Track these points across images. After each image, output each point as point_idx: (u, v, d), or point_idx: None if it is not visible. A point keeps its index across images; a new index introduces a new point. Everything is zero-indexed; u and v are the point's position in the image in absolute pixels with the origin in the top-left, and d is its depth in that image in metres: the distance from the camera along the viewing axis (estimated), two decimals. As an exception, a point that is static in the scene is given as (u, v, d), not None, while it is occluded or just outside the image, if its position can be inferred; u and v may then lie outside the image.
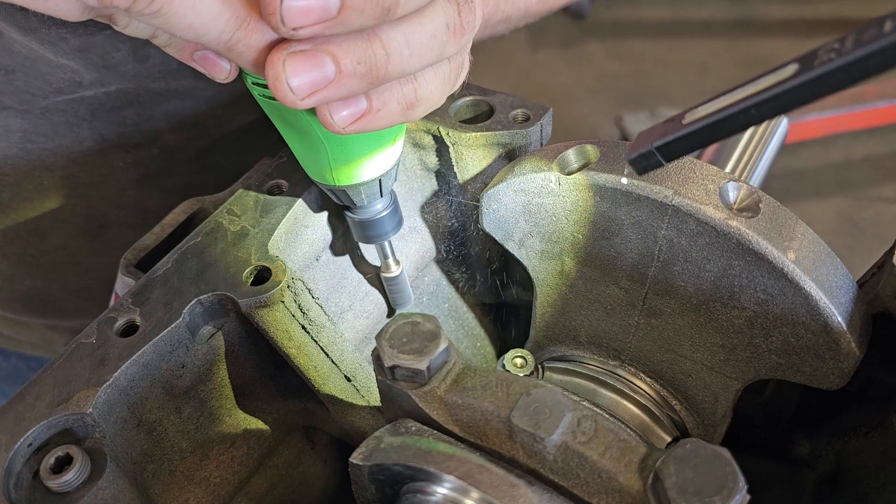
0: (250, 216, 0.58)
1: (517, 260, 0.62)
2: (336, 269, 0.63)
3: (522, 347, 0.65)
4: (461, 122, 0.63)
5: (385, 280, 0.64)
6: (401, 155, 0.56)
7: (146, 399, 0.52)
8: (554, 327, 0.64)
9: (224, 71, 0.48)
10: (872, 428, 0.59)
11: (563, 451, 0.42)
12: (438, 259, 0.71)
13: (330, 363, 0.56)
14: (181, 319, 0.52)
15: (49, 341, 1.00)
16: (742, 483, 0.37)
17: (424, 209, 0.67)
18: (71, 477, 0.45)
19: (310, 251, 0.60)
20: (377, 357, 0.45)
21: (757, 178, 0.81)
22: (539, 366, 0.63)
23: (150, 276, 0.55)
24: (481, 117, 0.65)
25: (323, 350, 0.56)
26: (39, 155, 0.76)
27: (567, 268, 0.59)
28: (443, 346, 0.45)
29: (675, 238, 0.52)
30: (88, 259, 0.86)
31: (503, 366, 0.62)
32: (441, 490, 0.43)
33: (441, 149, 0.64)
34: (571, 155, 0.56)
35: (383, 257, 0.62)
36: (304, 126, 0.50)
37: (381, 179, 0.55)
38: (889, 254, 0.52)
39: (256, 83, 0.49)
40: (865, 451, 0.59)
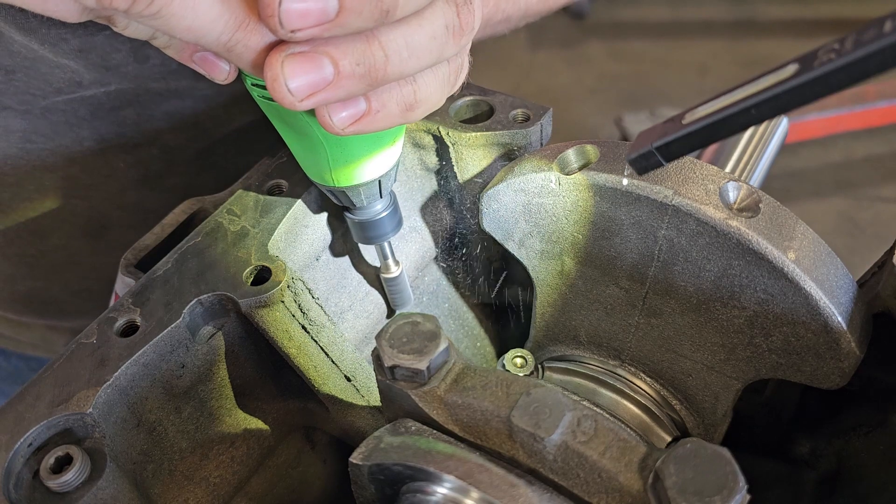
0: (250, 216, 0.58)
1: (517, 260, 0.62)
2: (336, 269, 0.63)
3: (522, 347, 0.65)
4: (461, 122, 0.63)
5: (385, 281, 0.64)
6: (400, 156, 0.56)
7: (146, 399, 0.52)
8: (554, 327, 0.64)
9: (223, 72, 0.48)
10: (873, 428, 0.59)
11: (563, 451, 0.42)
12: (438, 259, 0.71)
13: (330, 363, 0.56)
14: (181, 319, 0.52)
15: (49, 342, 1.00)
16: (742, 483, 0.37)
17: (424, 209, 0.67)
18: (71, 477, 0.45)
19: (310, 251, 0.60)
20: (377, 357, 0.45)
21: (757, 178, 0.81)
22: (539, 366, 0.63)
23: (151, 276, 0.55)
24: (481, 117, 0.65)
25: (323, 350, 0.56)
26: (39, 155, 0.76)
27: (567, 268, 0.59)
28: (443, 346, 0.45)
29: (675, 238, 0.52)
30: (89, 259, 0.86)
31: (503, 366, 0.62)
32: (441, 490, 0.43)
33: (441, 149, 0.64)
34: (571, 155, 0.56)
35: (383, 258, 0.62)
36: (304, 127, 0.50)
37: (381, 180, 0.55)
38: (889, 254, 0.52)
39: (256, 84, 0.49)
40: (866, 451, 0.59)
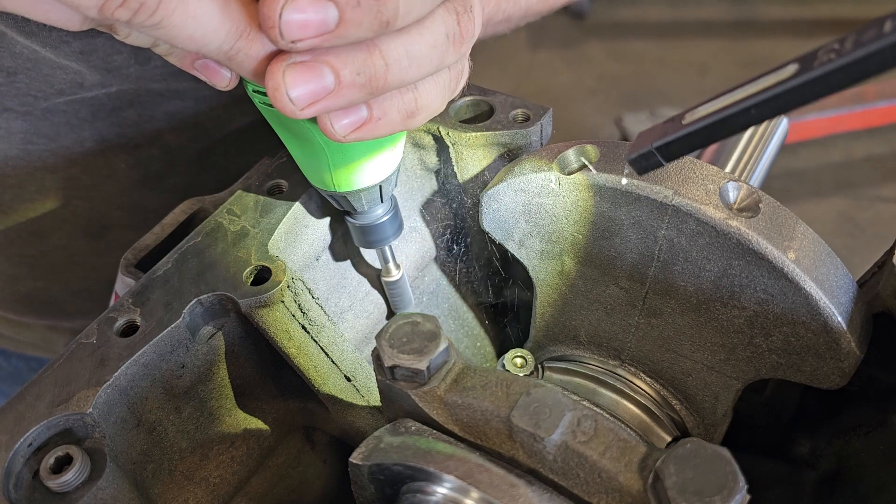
0: (250, 216, 0.58)
1: (517, 260, 0.62)
2: (336, 269, 0.63)
3: (522, 347, 0.65)
4: (461, 122, 0.63)
5: (386, 284, 0.64)
6: (401, 160, 0.56)
7: (146, 399, 0.52)
8: (554, 327, 0.64)
9: (225, 79, 0.48)
10: (873, 428, 0.59)
11: (563, 451, 0.42)
12: (438, 259, 0.71)
13: (330, 363, 0.56)
14: (181, 319, 0.52)
15: (50, 342, 1.00)
16: (742, 483, 0.37)
17: (424, 209, 0.67)
18: (71, 477, 0.45)
19: (310, 251, 0.60)
20: (377, 357, 0.45)
21: (757, 178, 0.81)
22: (539, 366, 0.63)
23: (151, 276, 0.55)
24: (481, 117, 0.65)
25: (323, 350, 0.56)
26: (41, 156, 0.76)
27: (567, 268, 0.59)
28: (443, 346, 0.45)
29: (675, 238, 0.52)
30: (89, 260, 0.86)
31: (503, 366, 0.62)
32: (441, 490, 0.43)
33: (441, 149, 0.64)
34: (571, 155, 0.56)
35: (384, 262, 0.62)
36: (305, 133, 0.50)
37: (382, 185, 0.55)
38: (889, 254, 0.52)
39: (257, 91, 0.49)
40: (866, 451, 0.59)
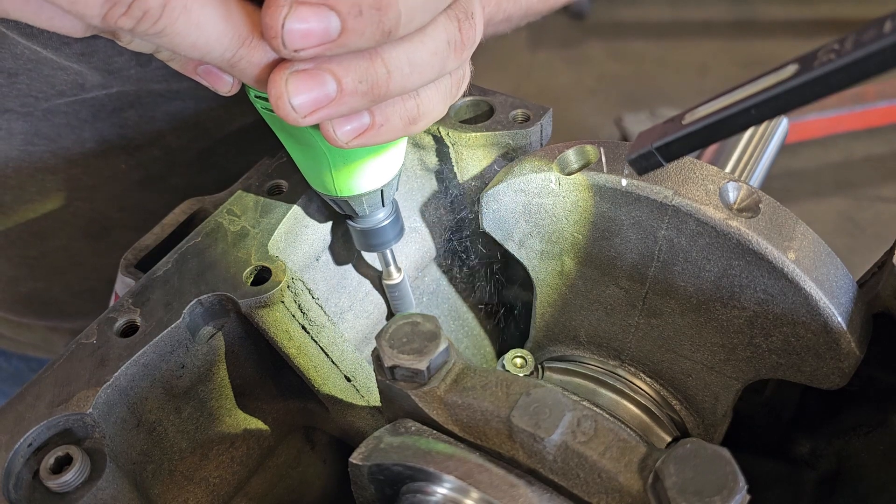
0: (250, 216, 0.58)
1: (517, 260, 0.62)
2: (336, 270, 0.63)
3: (522, 347, 0.65)
4: (461, 122, 0.63)
5: (387, 287, 0.64)
6: (402, 165, 0.56)
7: (146, 399, 0.52)
8: (554, 327, 0.64)
9: (227, 85, 0.48)
10: (873, 428, 0.59)
11: (563, 451, 0.42)
12: (438, 259, 0.71)
13: (330, 363, 0.56)
14: (181, 320, 0.52)
15: (50, 343, 1.00)
16: (742, 483, 0.37)
17: (424, 209, 0.67)
18: (71, 477, 0.45)
19: (310, 251, 0.60)
20: (377, 357, 0.45)
21: (757, 178, 0.81)
22: (539, 366, 0.63)
23: (151, 277, 0.55)
24: (481, 117, 0.65)
25: (323, 350, 0.56)
26: (41, 157, 0.76)
27: (567, 268, 0.59)
28: (443, 346, 0.45)
29: (675, 238, 0.52)
30: (90, 261, 0.86)
31: (503, 366, 0.62)
32: (441, 490, 0.43)
33: (441, 149, 0.64)
34: (571, 155, 0.56)
35: (385, 265, 0.62)
36: (307, 139, 0.51)
37: (383, 190, 0.55)
38: (889, 254, 0.52)
39: (259, 96, 0.49)
40: (866, 451, 0.59)
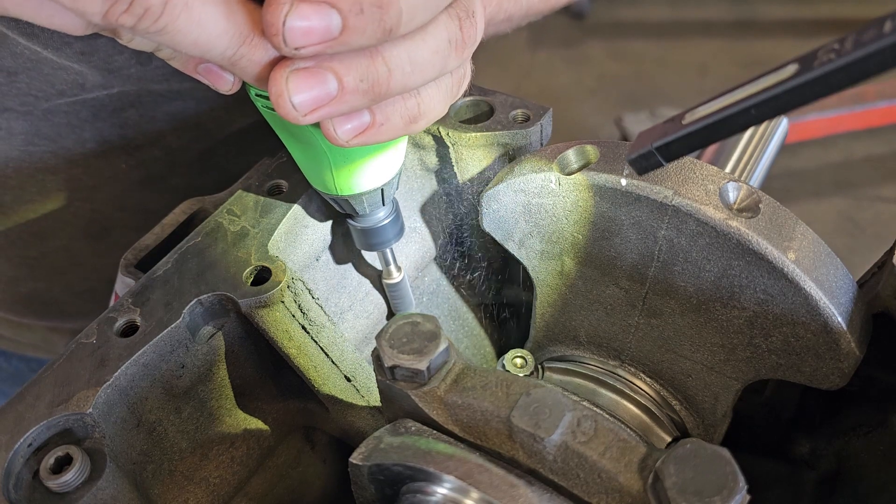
0: (250, 216, 0.58)
1: (517, 260, 0.62)
2: (336, 270, 0.63)
3: (522, 347, 0.65)
4: (461, 122, 0.63)
5: (387, 287, 0.64)
6: (403, 164, 0.56)
7: (146, 399, 0.52)
8: (554, 327, 0.64)
9: (228, 83, 0.48)
10: (873, 428, 0.59)
11: (563, 451, 0.42)
12: (438, 259, 0.71)
13: (330, 363, 0.56)
14: (181, 320, 0.52)
15: (50, 343, 1.00)
16: (742, 483, 0.37)
17: (424, 209, 0.67)
18: (71, 477, 0.45)
19: (310, 251, 0.60)
20: (377, 357, 0.45)
21: (757, 178, 0.81)
22: (539, 366, 0.63)
23: (150, 277, 0.55)
24: (481, 117, 0.64)
25: (323, 350, 0.56)
26: (42, 157, 0.76)
27: (567, 268, 0.59)
28: (443, 346, 0.45)
29: (675, 238, 0.52)
30: (90, 261, 0.86)
31: (503, 366, 0.62)
32: (441, 490, 0.43)
33: (441, 149, 0.64)
34: (571, 155, 0.56)
35: (385, 264, 0.62)
36: (307, 137, 0.50)
37: (384, 189, 0.55)
38: (889, 254, 0.52)
39: (259, 95, 0.49)
40: (866, 451, 0.59)
